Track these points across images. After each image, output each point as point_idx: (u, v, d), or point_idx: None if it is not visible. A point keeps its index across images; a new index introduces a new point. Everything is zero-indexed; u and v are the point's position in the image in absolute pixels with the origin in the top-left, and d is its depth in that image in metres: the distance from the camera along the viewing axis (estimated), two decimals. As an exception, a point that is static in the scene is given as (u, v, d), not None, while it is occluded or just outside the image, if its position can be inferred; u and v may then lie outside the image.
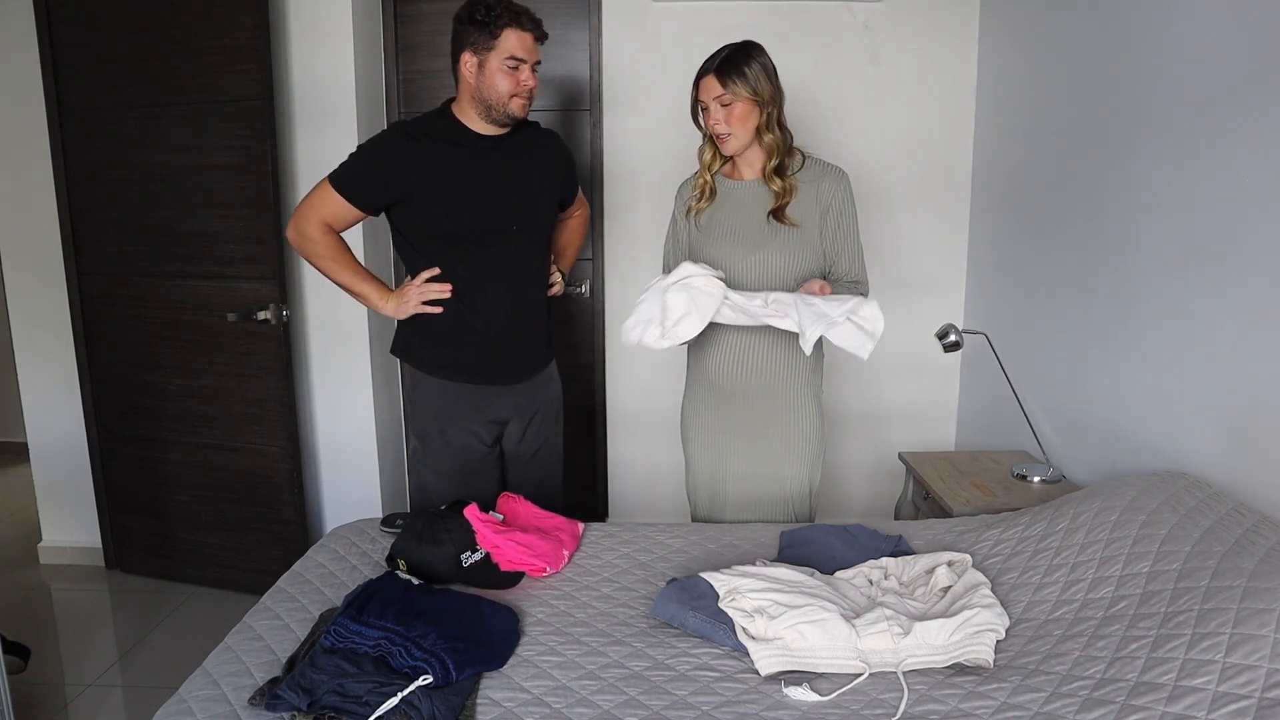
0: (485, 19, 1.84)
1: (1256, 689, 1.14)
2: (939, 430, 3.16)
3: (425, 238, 1.98)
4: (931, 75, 2.96)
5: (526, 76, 1.90)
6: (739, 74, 1.85)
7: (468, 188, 1.95)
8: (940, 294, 3.06)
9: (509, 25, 1.84)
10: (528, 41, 1.88)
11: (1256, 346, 1.64)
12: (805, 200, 1.95)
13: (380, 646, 1.34)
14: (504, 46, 1.85)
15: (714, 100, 1.87)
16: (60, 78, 2.86)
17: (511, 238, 2.00)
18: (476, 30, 1.85)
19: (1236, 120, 1.68)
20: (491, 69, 1.87)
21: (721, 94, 1.86)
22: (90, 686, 2.45)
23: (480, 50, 1.87)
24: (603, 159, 3.03)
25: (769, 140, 1.90)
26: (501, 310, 2.02)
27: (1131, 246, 2.03)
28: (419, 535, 1.68)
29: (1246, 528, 1.46)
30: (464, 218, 1.95)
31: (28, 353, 3.15)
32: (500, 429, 2.10)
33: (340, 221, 1.97)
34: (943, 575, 1.59)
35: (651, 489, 3.20)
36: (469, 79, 1.91)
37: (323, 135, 2.81)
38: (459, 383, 2.03)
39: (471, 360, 2.02)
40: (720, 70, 1.86)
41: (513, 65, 1.87)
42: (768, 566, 1.59)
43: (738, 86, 1.85)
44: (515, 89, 1.89)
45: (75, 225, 2.96)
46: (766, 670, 1.36)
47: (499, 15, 1.84)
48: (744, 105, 1.86)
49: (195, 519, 3.00)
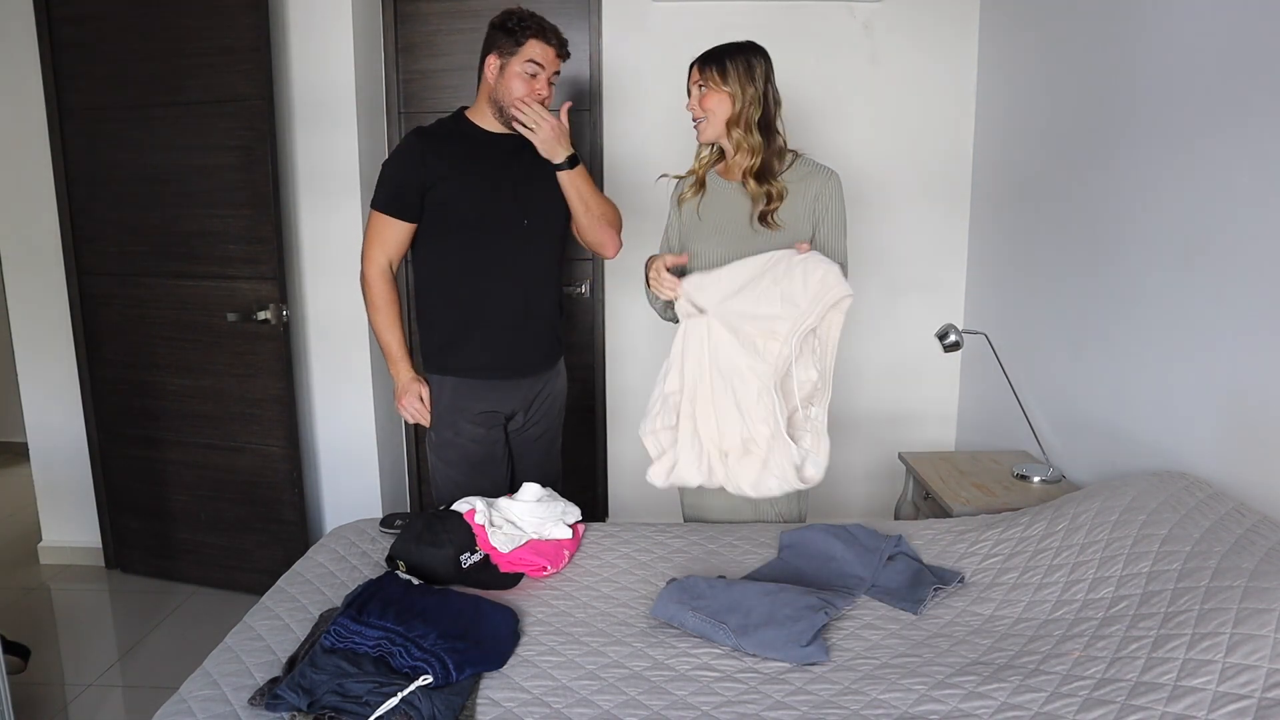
0: (515, 27, 1.97)
1: (1256, 689, 1.14)
2: (939, 430, 3.15)
3: (443, 231, 2.05)
4: (931, 75, 2.96)
5: (541, 85, 1.99)
6: (719, 65, 1.90)
7: (482, 177, 2.04)
8: (940, 294, 3.06)
9: (534, 36, 1.97)
10: (549, 53, 1.99)
11: (1256, 346, 1.64)
12: (793, 199, 1.92)
13: (380, 646, 1.34)
14: (526, 52, 1.97)
15: (692, 84, 1.94)
16: (60, 78, 2.87)
17: (523, 231, 2.07)
18: (504, 36, 1.98)
19: (1236, 120, 1.68)
20: (511, 72, 1.98)
21: (698, 79, 1.93)
22: (90, 686, 2.45)
23: (505, 54, 1.98)
24: (603, 159, 3.03)
25: (736, 136, 1.90)
26: (513, 306, 2.09)
27: (1132, 246, 2.03)
28: (418, 536, 1.68)
29: (1246, 528, 1.46)
30: (479, 206, 2.03)
31: (28, 353, 3.15)
32: (507, 419, 2.18)
33: (399, 245, 2.07)
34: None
35: (651, 489, 3.19)
36: (489, 79, 2.02)
37: (323, 135, 2.82)
38: (471, 379, 2.10)
39: (484, 359, 2.10)
40: (703, 59, 1.93)
41: (531, 71, 1.97)
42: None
43: (713, 76, 1.90)
44: (528, 93, 1.98)
45: (75, 225, 2.96)
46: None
47: (527, 26, 1.97)
48: (717, 95, 1.89)
49: (195, 519, 3.00)
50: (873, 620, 1.55)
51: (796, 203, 1.92)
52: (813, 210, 1.92)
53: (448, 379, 2.11)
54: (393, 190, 2.04)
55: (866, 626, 1.53)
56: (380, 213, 2.05)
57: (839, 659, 1.43)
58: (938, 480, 2.31)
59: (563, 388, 2.31)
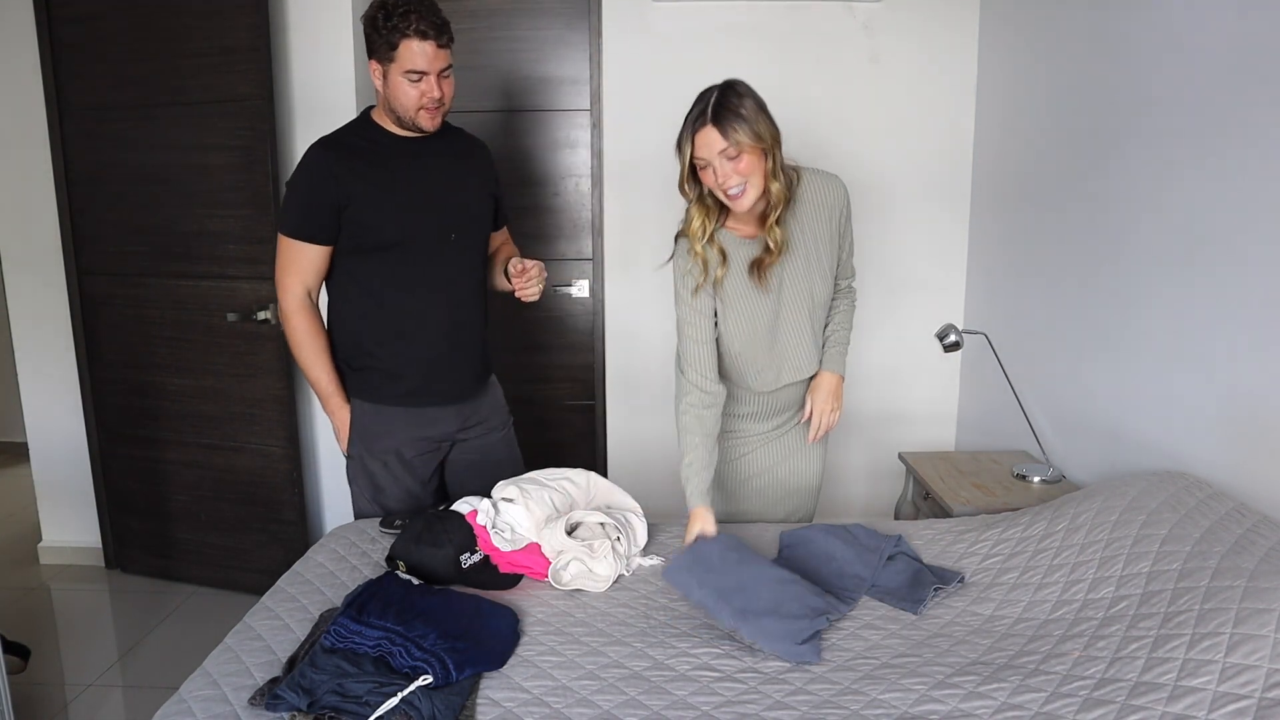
0: (384, 28, 1.72)
1: (1256, 689, 1.14)
2: (939, 430, 3.15)
3: (363, 252, 1.87)
4: (931, 75, 2.96)
5: (430, 87, 1.77)
6: (737, 118, 1.62)
7: (398, 191, 1.85)
8: (940, 294, 3.06)
9: (405, 35, 1.71)
10: (429, 50, 1.73)
11: (1256, 346, 1.64)
12: (816, 212, 1.84)
13: (380, 646, 1.35)
14: (403, 58, 1.74)
15: (718, 155, 1.64)
16: (60, 78, 2.87)
17: (449, 247, 1.91)
18: (378, 38, 1.75)
19: (1237, 119, 1.68)
20: (394, 80, 1.77)
21: (725, 147, 1.63)
22: (90, 686, 2.45)
23: (383, 60, 1.77)
24: (602, 159, 3.03)
25: (777, 190, 1.70)
26: (443, 329, 1.93)
27: (1132, 246, 2.03)
28: (418, 536, 1.68)
29: (1246, 528, 1.46)
30: (399, 223, 1.85)
31: (28, 353, 3.15)
32: (438, 444, 2.02)
33: (317, 271, 1.87)
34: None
35: (652, 489, 3.19)
36: (378, 87, 1.82)
37: (322, 135, 2.81)
38: (392, 406, 1.94)
39: (410, 385, 1.93)
40: (717, 118, 1.62)
41: (414, 78, 1.76)
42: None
43: (739, 133, 1.62)
44: (420, 101, 1.78)
45: (75, 225, 2.96)
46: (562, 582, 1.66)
47: (395, 25, 1.71)
48: (750, 154, 1.65)
49: (195, 519, 3.00)
50: (873, 620, 1.55)
51: (818, 216, 1.84)
52: (836, 218, 1.86)
53: (367, 405, 1.94)
54: (303, 213, 1.84)
55: (866, 626, 1.53)
56: (290, 238, 1.84)
57: (839, 659, 1.43)
58: (938, 480, 2.32)
59: (500, 403, 2.13)
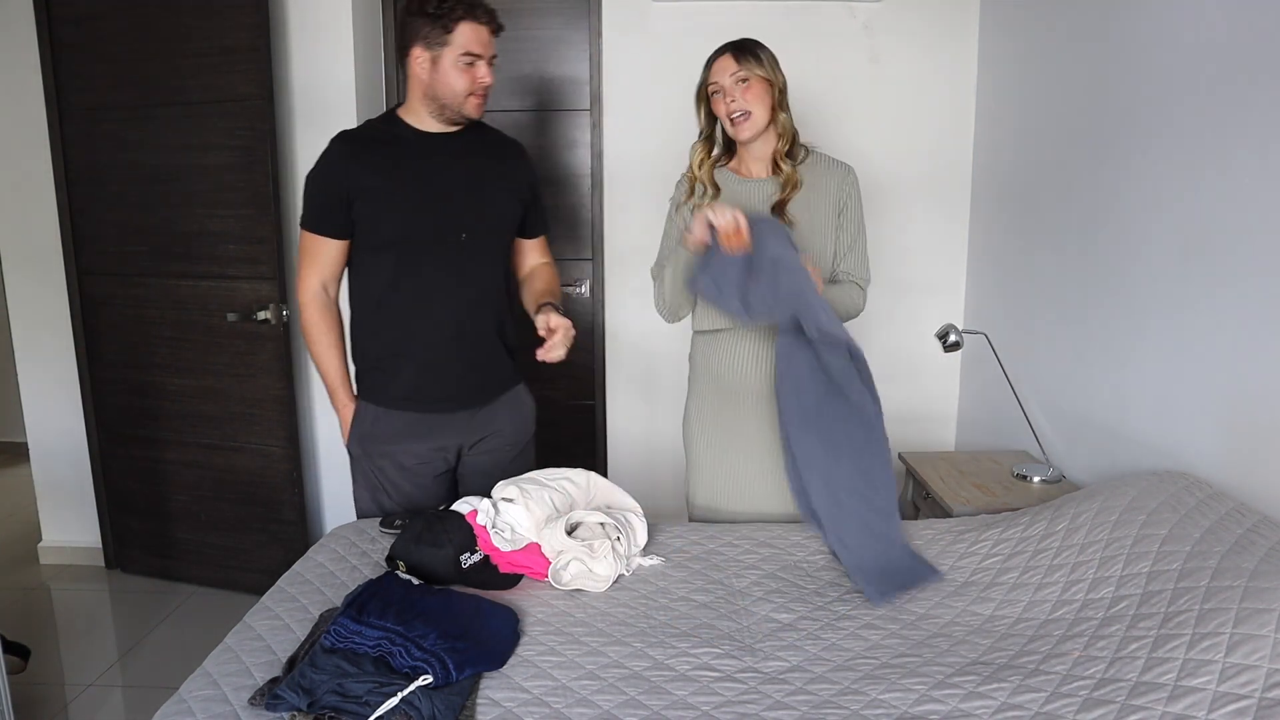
0: (438, 11, 1.72)
1: (1256, 689, 1.14)
2: (939, 430, 3.16)
3: (368, 249, 1.85)
4: (931, 75, 2.96)
5: (483, 73, 1.78)
6: (754, 55, 1.88)
7: (409, 188, 1.82)
8: (940, 294, 3.06)
9: (464, 19, 1.72)
10: (484, 35, 1.76)
11: (1257, 346, 1.64)
12: (817, 196, 1.94)
13: (380, 646, 1.34)
14: (459, 42, 1.73)
15: (730, 77, 1.87)
16: (60, 78, 2.87)
17: (461, 248, 1.86)
18: (429, 24, 1.73)
19: (1237, 119, 1.68)
20: (445, 66, 1.75)
21: (738, 70, 1.87)
22: (90, 686, 2.45)
23: (433, 45, 1.74)
24: (602, 159, 3.03)
25: (784, 120, 1.92)
26: (443, 331, 1.89)
27: (1131, 246, 2.03)
28: (418, 537, 1.68)
29: (1246, 528, 1.46)
30: (405, 221, 1.83)
31: (28, 353, 3.15)
32: (440, 453, 1.98)
33: (334, 265, 1.87)
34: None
35: (652, 489, 3.20)
36: (420, 75, 1.78)
37: (323, 135, 2.75)
38: (393, 409, 1.92)
39: (407, 388, 1.90)
40: (736, 49, 1.89)
41: (468, 61, 1.75)
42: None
43: (753, 65, 1.87)
44: (471, 87, 1.78)
45: (75, 225, 2.96)
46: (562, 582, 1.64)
47: (453, 8, 1.71)
48: (760, 84, 1.88)
49: (195, 519, 3.01)
50: (873, 620, 1.55)
51: (818, 196, 1.94)
52: (835, 202, 1.95)
53: (369, 406, 1.92)
54: (317, 205, 1.83)
55: (866, 626, 1.53)
56: (308, 231, 1.84)
57: (839, 659, 1.43)
58: (938, 480, 2.31)
59: (522, 421, 2.07)
